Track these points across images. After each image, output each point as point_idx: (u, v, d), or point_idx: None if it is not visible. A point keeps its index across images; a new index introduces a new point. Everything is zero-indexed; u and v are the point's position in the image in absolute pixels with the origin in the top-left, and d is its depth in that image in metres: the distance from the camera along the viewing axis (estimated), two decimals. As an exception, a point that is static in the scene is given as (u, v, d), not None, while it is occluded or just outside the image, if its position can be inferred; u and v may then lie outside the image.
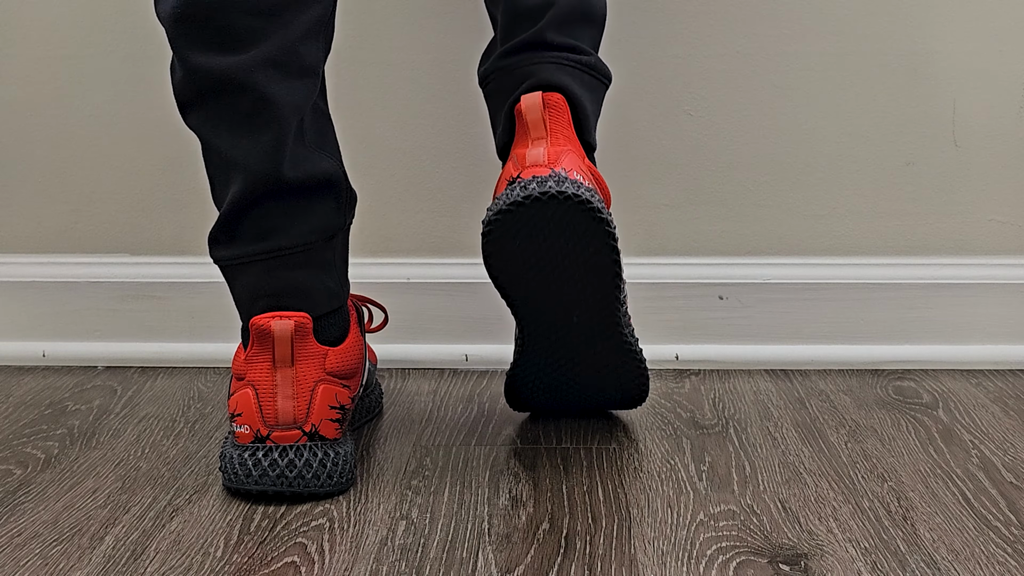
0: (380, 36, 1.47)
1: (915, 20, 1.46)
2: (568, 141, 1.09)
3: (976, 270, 1.48)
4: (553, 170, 1.05)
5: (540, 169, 1.05)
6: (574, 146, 1.09)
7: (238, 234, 1.09)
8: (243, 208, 1.08)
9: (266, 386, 1.07)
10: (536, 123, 1.08)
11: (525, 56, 1.14)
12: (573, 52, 1.15)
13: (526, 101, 1.09)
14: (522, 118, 1.10)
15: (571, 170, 1.06)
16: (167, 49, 1.08)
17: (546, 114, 1.09)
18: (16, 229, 1.53)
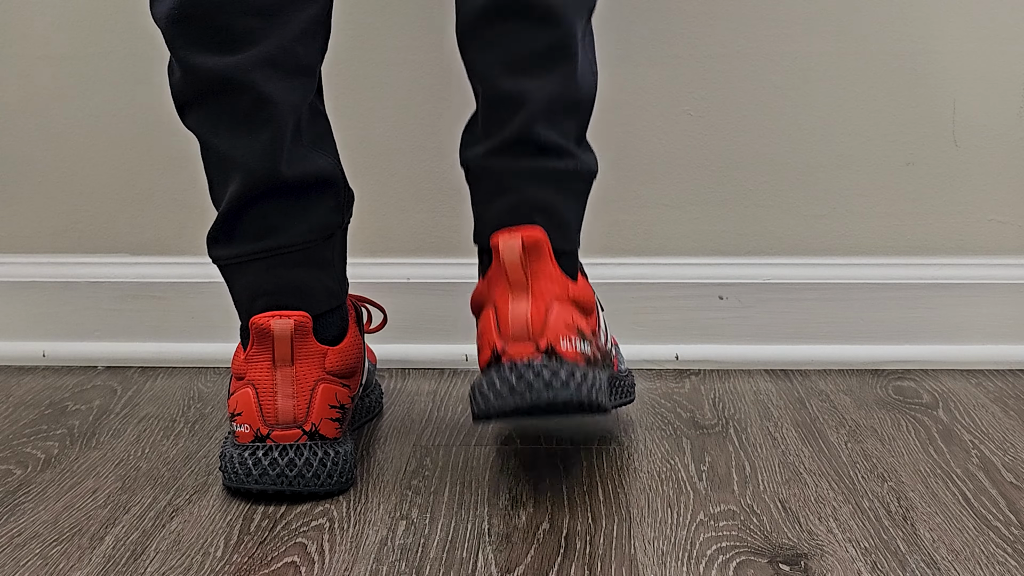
0: (379, 36, 1.47)
1: (915, 20, 1.46)
2: (550, 282, 1.03)
3: (976, 270, 1.48)
4: (543, 354, 1.00)
5: (525, 347, 1.01)
6: (557, 286, 1.03)
7: (237, 233, 1.09)
8: (242, 207, 1.08)
9: (266, 385, 1.07)
10: (514, 267, 1.03)
11: (508, 161, 1.07)
12: (558, 156, 1.07)
13: (504, 245, 1.03)
14: (499, 256, 1.04)
15: (560, 339, 1.01)
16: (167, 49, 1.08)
17: (526, 258, 1.03)
18: (16, 229, 1.53)
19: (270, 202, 1.08)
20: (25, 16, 1.49)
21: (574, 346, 1.02)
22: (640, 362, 1.48)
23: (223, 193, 1.10)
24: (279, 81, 1.06)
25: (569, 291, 1.05)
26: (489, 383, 0.99)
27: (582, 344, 1.03)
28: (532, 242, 1.03)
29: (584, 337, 1.04)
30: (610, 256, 1.49)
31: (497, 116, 1.07)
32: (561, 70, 1.07)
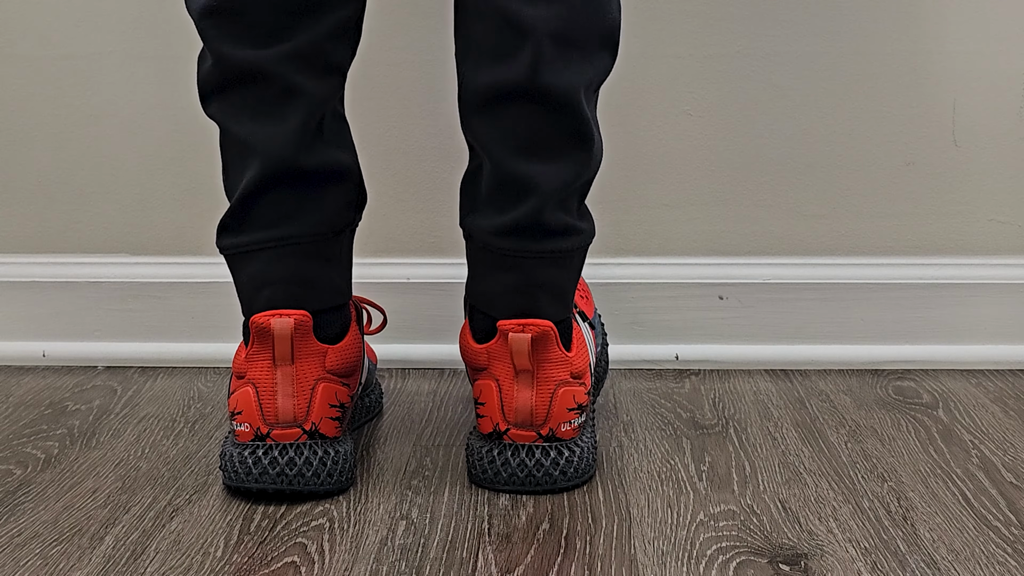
0: (380, 36, 1.47)
1: (915, 20, 1.46)
2: (554, 368, 1.08)
3: (976, 270, 1.48)
4: (543, 440, 1.08)
5: (528, 433, 1.08)
6: (560, 370, 1.08)
7: (249, 221, 1.10)
8: (257, 193, 1.09)
9: (266, 384, 1.07)
10: (522, 357, 1.07)
11: (514, 242, 1.09)
12: (565, 236, 1.09)
13: (513, 338, 1.07)
14: (507, 343, 1.08)
15: (560, 424, 1.08)
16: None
17: (533, 351, 1.07)
18: (16, 229, 1.53)
19: (285, 190, 1.09)
20: (25, 16, 1.49)
21: (572, 425, 1.09)
22: (640, 362, 1.48)
23: (239, 181, 1.11)
24: (307, 75, 1.08)
25: (570, 368, 1.09)
26: (489, 459, 1.09)
27: (579, 418, 1.10)
28: (540, 334, 1.07)
29: (582, 410, 1.10)
30: (610, 256, 1.49)
31: (505, 195, 1.08)
32: (574, 156, 1.08)
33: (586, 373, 1.11)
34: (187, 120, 1.48)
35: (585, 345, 1.13)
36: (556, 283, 1.10)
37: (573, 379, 1.09)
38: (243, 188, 1.10)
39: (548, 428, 1.08)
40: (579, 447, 1.09)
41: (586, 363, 1.12)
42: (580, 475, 1.09)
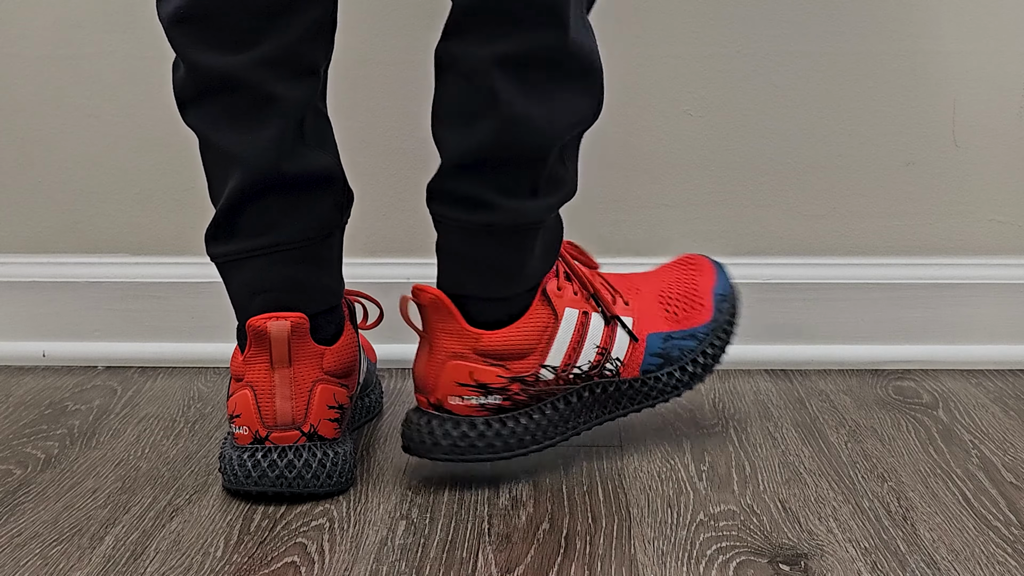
0: (380, 36, 1.47)
1: (915, 20, 1.46)
2: (450, 339, 1.09)
3: (976, 270, 1.48)
4: (432, 408, 1.11)
5: (420, 399, 1.12)
6: (458, 342, 1.09)
7: (236, 229, 1.09)
8: (241, 202, 1.09)
9: (264, 387, 1.07)
10: (416, 324, 1.12)
11: (433, 206, 1.11)
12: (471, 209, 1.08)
13: (404, 302, 1.12)
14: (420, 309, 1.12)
15: (448, 396, 1.10)
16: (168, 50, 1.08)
17: (428, 316, 1.11)
18: (16, 229, 1.53)
19: (270, 198, 1.09)
20: (25, 16, 1.49)
21: (466, 401, 1.09)
22: (640, 362, 1.47)
23: (222, 190, 1.10)
24: (282, 80, 1.07)
25: (479, 344, 1.09)
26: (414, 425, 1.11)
27: (484, 398, 1.10)
28: (429, 301, 1.09)
29: (489, 390, 1.09)
30: (610, 256, 1.49)
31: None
32: (483, 125, 1.06)
33: (529, 355, 1.10)
34: (187, 120, 1.48)
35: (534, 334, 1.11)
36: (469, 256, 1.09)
37: (482, 357, 1.09)
38: (226, 198, 1.09)
39: (436, 398, 1.10)
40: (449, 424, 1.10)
41: (522, 348, 1.10)
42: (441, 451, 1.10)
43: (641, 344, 1.16)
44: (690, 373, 1.19)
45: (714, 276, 1.24)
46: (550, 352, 1.11)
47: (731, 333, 1.23)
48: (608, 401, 1.16)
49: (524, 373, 1.10)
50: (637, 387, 1.17)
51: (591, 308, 1.14)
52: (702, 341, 1.20)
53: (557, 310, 1.12)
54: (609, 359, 1.14)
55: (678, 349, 1.18)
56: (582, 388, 1.14)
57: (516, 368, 1.10)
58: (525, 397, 1.11)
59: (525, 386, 1.11)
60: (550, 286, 1.12)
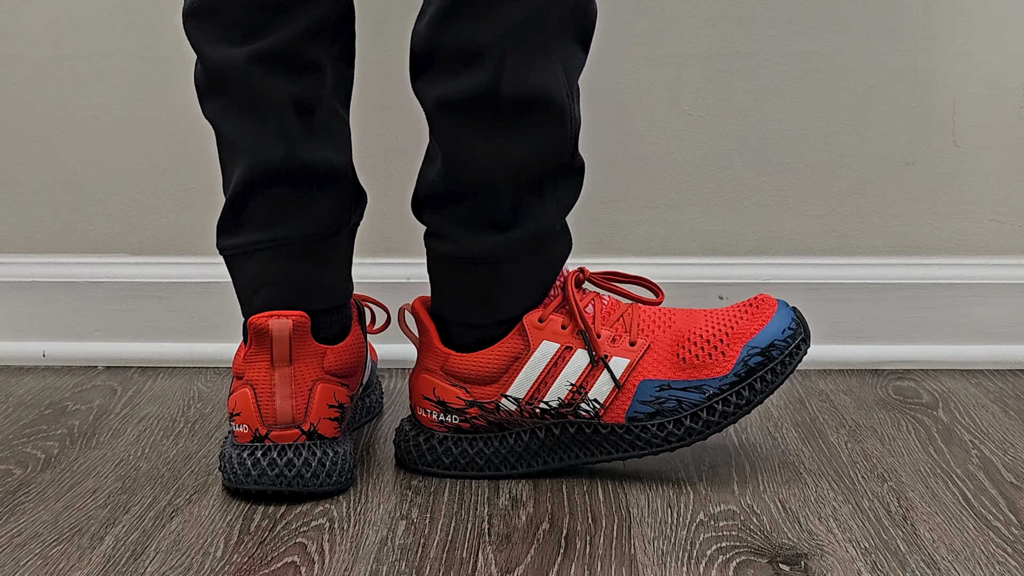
0: (380, 36, 1.47)
1: (915, 20, 1.46)
2: (429, 353, 1.14)
3: (976, 270, 1.48)
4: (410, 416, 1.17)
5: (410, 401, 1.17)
6: (432, 358, 1.13)
7: (242, 222, 1.11)
8: (246, 194, 1.10)
9: (264, 385, 1.07)
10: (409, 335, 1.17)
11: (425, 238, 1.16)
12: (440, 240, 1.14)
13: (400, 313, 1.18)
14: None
15: (416, 407, 1.15)
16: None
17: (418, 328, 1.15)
18: (16, 229, 1.53)
19: (275, 191, 1.10)
20: (25, 16, 1.49)
21: (428, 415, 1.13)
22: (640, 362, 1.47)
23: (230, 181, 1.11)
24: (280, 75, 1.09)
25: (446, 364, 1.12)
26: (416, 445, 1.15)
27: (443, 416, 1.12)
28: (413, 313, 1.14)
29: (447, 409, 1.12)
30: (610, 256, 1.49)
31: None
32: (435, 162, 1.13)
33: (492, 383, 1.11)
34: (187, 120, 1.48)
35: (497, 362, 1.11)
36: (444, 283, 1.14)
37: (447, 376, 1.12)
38: (233, 188, 1.11)
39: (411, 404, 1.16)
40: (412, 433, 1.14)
41: (483, 374, 1.11)
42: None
43: (629, 390, 1.10)
44: (687, 428, 1.09)
45: (762, 325, 1.12)
46: (513, 383, 1.11)
47: (759, 392, 1.10)
48: (587, 443, 1.11)
49: (484, 399, 1.11)
50: (620, 434, 1.10)
51: (578, 344, 1.11)
52: (711, 396, 1.09)
53: (532, 342, 1.10)
54: (586, 399, 1.09)
55: (675, 400, 1.09)
56: (553, 424, 1.11)
57: (477, 393, 1.11)
58: (484, 423, 1.11)
59: (484, 412, 1.11)
60: (531, 317, 1.11)
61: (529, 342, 1.11)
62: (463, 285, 1.12)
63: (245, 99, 1.09)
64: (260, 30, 1.08)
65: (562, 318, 1.11)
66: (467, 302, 1.12)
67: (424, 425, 1.13)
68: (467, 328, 1.12)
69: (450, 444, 1.12)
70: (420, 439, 1.13)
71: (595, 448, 1.11)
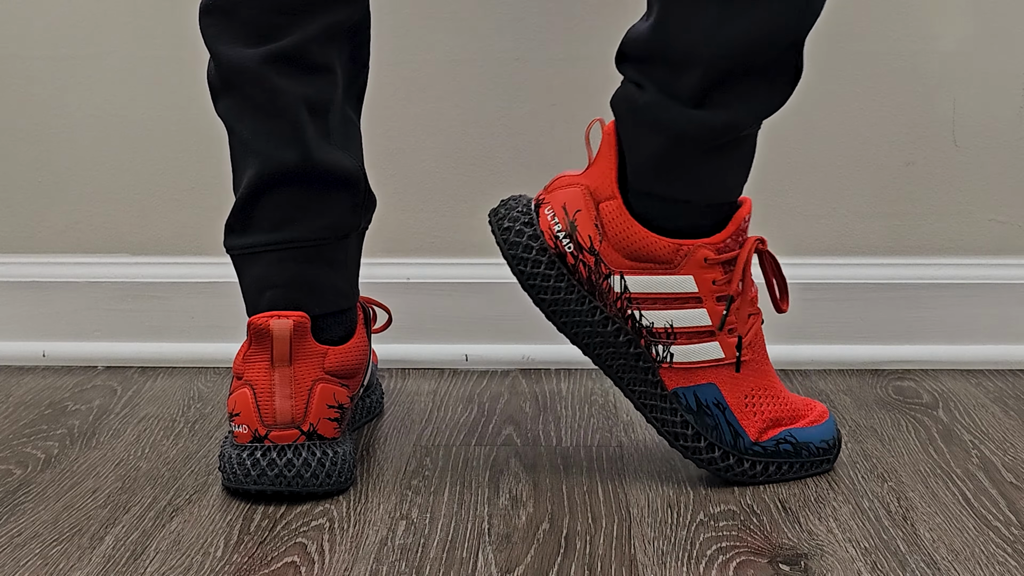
0: (380, 36, 1.47)
1: (915, 20, 1.46)
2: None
3: (976, 270, 1.48)
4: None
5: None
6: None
7: (253, 222, 1.11)
8: (257, 193, 1.10)
9: (264, 386, 1.07)
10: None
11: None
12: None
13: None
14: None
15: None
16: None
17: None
18: (16, 229, 1.53)
19: (286, 191, 1.10)
20: (25, 16, 1.49)
21: (552, 222, 1.08)
22: (640, 362, 1.47)
23: (241, 181, 1.11)
24: (291, 76, 1.09)
25: (605, 206, 1.07)
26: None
27: (564, 236, 1.08)
28: (605, 138, 1.10)
29: (572, 237, 1.08)
30: (610, 256, 1.49)
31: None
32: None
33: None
34: (187, 120, 1.48)
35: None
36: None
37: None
38: (243, 188, 1.11)
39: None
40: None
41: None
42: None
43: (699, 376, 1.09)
44: (698, 447, 1.09)
45: (806, 424, 1.12)
46: (639, 276, 1.08)
47: (768, 476, 1.10)
48: (631, 370, 1.09)
49: (606, 260, 1.08)
50: (657, 393, 1.09)
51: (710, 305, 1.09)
52: (735, 446, 1.09)
53: (681, 267, 1.09)
54: (668, 347, 1.08)
55: (714, 420, 1.09)
56: (626, 331, 1.08)
57: (606, 251, 1.09)
58: (585, 274, 1.09)
59: (594, 269, 1.08)
60: (702, 251, 1.09)
61: (679, 265, 1.08)
62: (644, 139, 1.07)
63: (259, 99, 1.09)
64: (275, 31, 1.09)
65: (721, 273, 1.09)
66: (640, 155, 1.07)
67: (538, 223, 1.09)
68: (644, 196, 1.08)
69: (548, 261, 1.08)
70: (530, 230, 1.09)
71: (630, 378, 1.09)
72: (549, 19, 1.47)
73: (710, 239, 1.09)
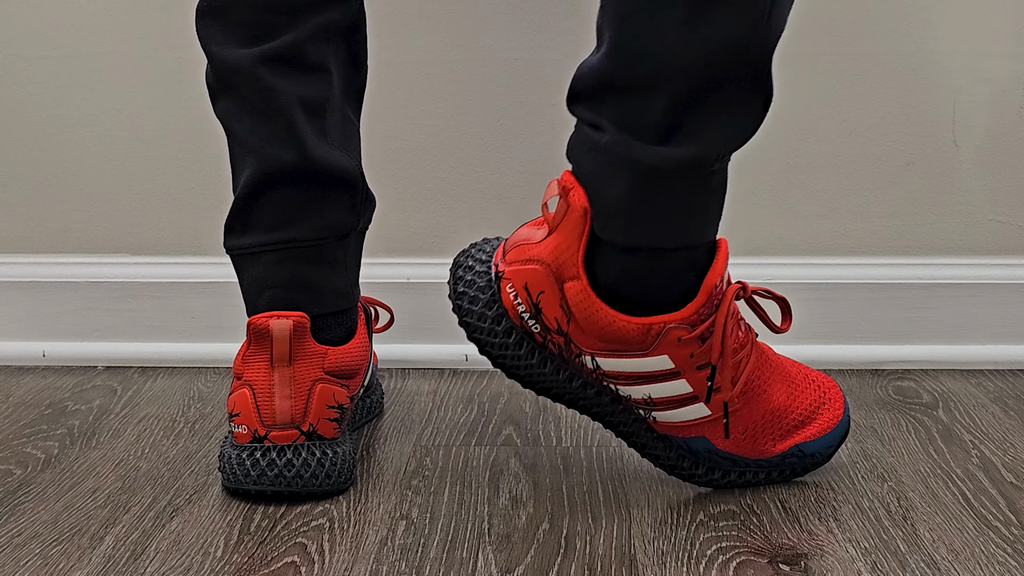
0: (380, 36, 1.47)
1: (915, 20, 1.46)
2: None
3: (976, 270, 1.48)
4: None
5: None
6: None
7: (250, 222, 1.11)
8: (256, 193, 1.10)
9: (263, 386, 1.07)
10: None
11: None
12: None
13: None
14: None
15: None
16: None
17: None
18: (16, 229, 1.53)
19: (286, 191, 1.10)
20: (25, 16, 1.49)
21: (515, 302, 1.04)
22: (640, 362, 1.47)
23: (239, 181, 1.12)
24: (286, 76, 1.09)
25: (569, 287, 1.01)
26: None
27: (529, 317, 1.04)
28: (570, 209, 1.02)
29: (538, 318, 1.03)
30: (610, 256, 1.49)
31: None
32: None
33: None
34: (187, 120, 1.48)
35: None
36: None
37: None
38: (241, 188, 1.11)
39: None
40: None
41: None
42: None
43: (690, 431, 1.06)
44: (697, 473, 1.08)
45: (817, 434, 1.10)
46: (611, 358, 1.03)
47: (770, 480, 1.10)
48: (621, 415, 1.08)
49: (576, 341, 1.03)
50: (651, 436, 1.08)
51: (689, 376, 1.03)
52: (738, 465, 1.08)
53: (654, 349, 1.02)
54: (649, 411, 1.06)
55: (710, 459, 1.08)
56: (606, 391, 1.06)
57: (575, 332, 1.02)
58: (556, 351, 1.04)
59: (564, 348, 1.03)
60: (674, 332, 1.01)
61: (652, 347, 1.01)
62: (609, 185, 0.99)
63: (255, 100, 1.09)
64: (270, 31, 1.09)
65: (696, 347, 1.02)
66: (608, 206, 1.00)
67: (501, 299, 1.04)
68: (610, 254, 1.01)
69: (512, 338, 1.03)
70: (492, 309, 1.03)
71: (622, 422, 1.07)
72: (548, 19, 1.47)
73: (681, 313, 1.01)
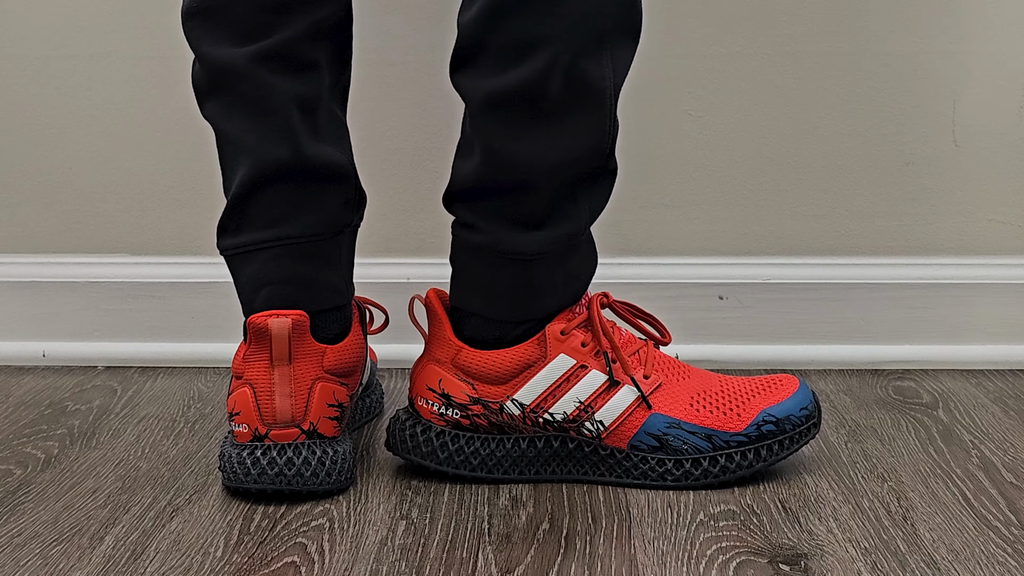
0: (380, 36, 1.47)
1: (915, 20, 1.46)
2: (440, 345, 1.13)
3: (976, 270, 1.48)
4: (408, 405, 1.16)
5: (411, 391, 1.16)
6: (445, 350, 1.12)
7: (246, 221, 1.11)
8: (251, 192, 1.10)
9: (264, 385, 1.07)
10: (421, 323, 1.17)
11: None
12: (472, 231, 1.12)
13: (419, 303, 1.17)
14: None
15: (418, 396, 1.13)
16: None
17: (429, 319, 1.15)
18: (16, 229, 1.53)
19: (279, 189, 1.10)
20: (25, 16, 1.49)
21: (428, 406, 1.12)
22: (640, 362, 1.47)
23: (233, 181, 1.11)
24: (280, 73, 1.09)
25: (458, 357, 1.11)
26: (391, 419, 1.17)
27: (445, 409, 1.11)
28: (426, 304, 1.13)
29: (451, 403, 1.11)
30: (610, 256, 1.49)
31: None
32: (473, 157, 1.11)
33: (507, 382, 1.11)
34: (187, 120, 1.48)
35: (519, 360, 1.11)
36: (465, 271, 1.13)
37: (457, 369, 1.11)
38: (236, 188, 1.11)
39: (411, 394, 1.14)
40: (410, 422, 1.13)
41: (495, 373, 1.11)
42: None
43: (638, 418, 1.10)
44: (686, 471, 1.09)
45: (781, 399, 1.12)
46: (522, 388, 1.10)
47: (763, 460, 1.10)
48: (584, 461, 1.11)
49: (490, 399, 1.10)
50: (619, 459, 1.10)
51: (594, 365, 1.11)
52: (717, 447, 1.09)
53: (549, 352, 1.10)
54: (592, 419, 1.10)
55: (681, 440, 1.09)
56: (553, 437, 1.11)
57: (484, 391, 1.11)
58: (486, 423, 1.11)
59: (487, 412, 1.10)
60: (553, 327, 1.11)
61: (547, 351, 1.10)
62: (492, 279, 1.11)
63: (249, 98, 1.09)
64: (262, 30, 1.09)
65: (584, 336, 1.11)
66: (494, 297, 1.11)
67: (422, 416, 1.12)
68: (487, 323, 1.11)
69: (447, 439, 1.11)
70: (417, 429, 1.12)
71: (590, 467, 1.11)
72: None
73: (555, 319, 1.12)
